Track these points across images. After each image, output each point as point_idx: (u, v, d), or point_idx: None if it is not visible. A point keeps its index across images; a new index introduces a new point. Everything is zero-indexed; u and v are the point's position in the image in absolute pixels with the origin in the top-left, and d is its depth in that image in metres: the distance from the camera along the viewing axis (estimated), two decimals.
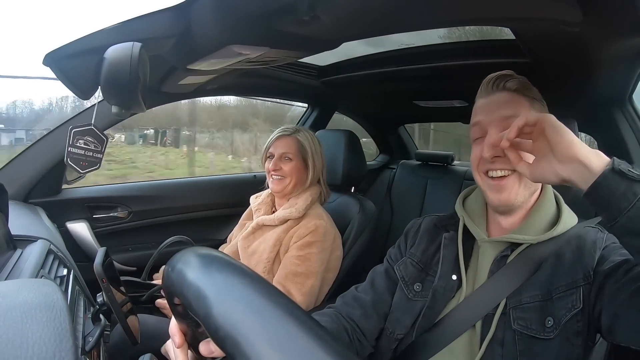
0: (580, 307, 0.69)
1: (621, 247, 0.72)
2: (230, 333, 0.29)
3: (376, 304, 0.89)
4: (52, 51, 0.73)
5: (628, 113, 1.35)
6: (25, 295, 0.38)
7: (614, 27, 0.76)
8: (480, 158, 0.79)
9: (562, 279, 0.72)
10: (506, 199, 0.76)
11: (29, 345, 0.32)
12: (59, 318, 0.36)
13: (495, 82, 0.79)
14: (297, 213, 1.32)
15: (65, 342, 0.34)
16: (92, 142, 0.85)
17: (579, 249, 0.74)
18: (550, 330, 0.69)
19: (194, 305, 0.33)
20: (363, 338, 0.88)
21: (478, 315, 0.75)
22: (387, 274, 0.93)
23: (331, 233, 1.33)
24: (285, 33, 0.87)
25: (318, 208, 1.38)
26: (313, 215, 1.33)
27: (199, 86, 1.41)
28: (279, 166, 1.36)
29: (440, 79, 1.53)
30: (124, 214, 1.70)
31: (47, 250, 0.92)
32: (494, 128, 0.76)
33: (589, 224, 0.81)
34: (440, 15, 0.81)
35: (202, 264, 0.35)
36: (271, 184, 1.39)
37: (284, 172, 1.36)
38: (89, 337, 0.66)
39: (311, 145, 1.39)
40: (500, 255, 0.78)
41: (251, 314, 0.29)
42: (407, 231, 0.97)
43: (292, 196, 1.39)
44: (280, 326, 0.28)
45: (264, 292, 0.31)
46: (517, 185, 0.76)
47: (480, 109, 0.81)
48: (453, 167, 2.42)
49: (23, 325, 0.34)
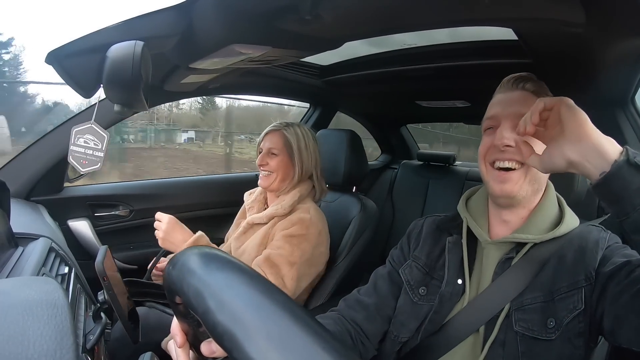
0: (582, 308, 0.68)
1: (624, 247, 0.72)
2: (228, 329, 0.29)
3: (379, 308, 0.89)
4: (55, 49, 0.73)
5: (630, 114, 1.34)
6: (26, 293, 0.38)
7: (617, 27, 0.76)
8: (489, 147, 0.78)
9: (564, 280, 0.71)
10: (509, 190, 0.76)
11: (30, 343, 0.32)
12: (60, 316, 0.36)
13: (516, 82, 0.80)
14: (283, 210, 1.31)
15: (66, 339, 0.34)
16: (92, 140, 0.84)
17: (581, 248, 0.73)
18: (551, 331, 0.69)
19: (193, 302, 0.33)
20: (367, 341, 0.88)
21: (483, 320, 0.75)
22: (390, 277, 0.92)
23: (316, 227, 1.30)
24: (287, 32, 0.87)
25: (307, 204, 1.35)
26: (299, 211, 1.32)
27: (201, 85, 1.41)
28: (265, 161, 1.35)
29: (443, 79, 1.52)
30: (125, 212, 1.70)
31: (49, 248, 0.92)
32: (508, 121, 0.76)
33: (591, 224, 0.80)
34: (442, 15, 0.81)
35: (202, 261, 0.36)
36: (259, 180, 1.39)
37: (270, 167, 1.34)
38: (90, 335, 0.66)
39: (298, 140, 1.36)
40: (504, 257, 0.78)
41: (249, 309, 0.30)
42: (410, 232, 0.96)
43: (282, 193, 1.37)
44: (277, 322, 0.29)
45: (262, 289, 0.32)
46: (522, 180, 0.76)
47: (497, 103, 0.81)
48: (455, 168, 2.41)
49: (24, 323, 0.34)
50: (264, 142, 1.39)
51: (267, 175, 1.36)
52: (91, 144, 0.84)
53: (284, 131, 1.36)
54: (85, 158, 0.84)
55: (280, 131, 1.37)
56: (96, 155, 0.85)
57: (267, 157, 1.35)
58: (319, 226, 1.31)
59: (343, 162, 1.57)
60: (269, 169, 1.35)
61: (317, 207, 1.37)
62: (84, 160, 0.84)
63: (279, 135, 1.36)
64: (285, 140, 1.36)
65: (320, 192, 1.42)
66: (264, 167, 1.35)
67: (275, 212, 1.31)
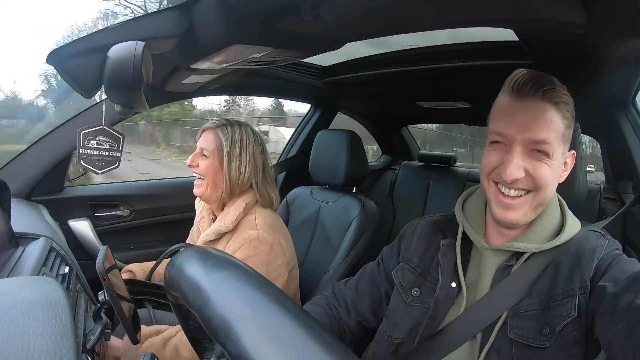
0: (575, 316, 0.67)
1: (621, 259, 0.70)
2: (222, 322, 0.30)
3: (355, 302, 0.94)
4: (56, 50, 0.73)
5: (631, 116, 1.34)
6: (26, 293, 0.38)
7: (619, 28, 0.76)
8: (494, 167, 0.73)
9: (560, 287, 0.70)
10: (512, 219, 0.73)
11: (30, 343, 0.32)
12: (60, 316, 0.36)
13: (533, 87, 0.70)
14: (226, 227, 1.17)
15: (67, 340, 0.34)
16: (107, 142, 0.85)
17: (578, 256, 0.71)
18: (546, 339, 0.68)
19: (189, 297, 0.34)
20: (347, 329, 0.94)
21: (480, 326, 0.74)
22: (372, 276, 0.95)
23: (266, 242, 1.13)
24: (288, 33, 0.87)
25: (253, 214, 1.19)
26: (245, 226, 1.16)
27: (202, 85, 1.41)
28: (195, 162, 1.20)
29: (443, 80, 1.53)
30: (126, 213, 1.70)
31: (49, 248, 0.92)
32: (519, 148, 0.70)
33: (593, 228, 0.79)
34: (443, 16, 0.81)
35: (199, 259, 0.37)
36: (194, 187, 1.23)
37: (200, 170, 1.20)
38: (90, 335, 0.66)
39: (232, 144, 1.18)
40: (504, 264, 0.76)
41: (242, 303, 0.31)
42: (403, 233, 0.95)
43: (227, 203, 1.22)
44: (270, 314, 0.29)
45: (255, 284, 0.33)
46: (528, 206, 0.73)
47: (508, 115, 0.71)
48: (455, 169, 2.41)
49: (24, 323, 0.34)
50: (199, 140, 1.22)
51: (199, 180, 1.21)
52: (106, 145, 0.85)
53: (218, 131, 1.20)
54: (100, 160, 0.84)
55: (214, 130, 1.20)
56: (113, 155, 0.86)
57: (198, 157, 1.21)
58: (269, 240, 1.14)
59: (343, 162, 1.57)
60: (199, 172, 1.20)
61: (265, 215, 1.21)
62: (99, 162, 0.84)
63: (213, 135, 1.20)
64: (218, 142, 1.19)
65: (270, 199, 1.25)
66: (194, 169, 1.21)
67: (222, 228, 1.17)
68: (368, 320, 0.93)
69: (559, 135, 0.70)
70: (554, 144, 0.69)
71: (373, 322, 0.93)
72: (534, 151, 0.70)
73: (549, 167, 0.70)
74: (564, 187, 0.84)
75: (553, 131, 0.69)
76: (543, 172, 0.70)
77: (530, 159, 0.70)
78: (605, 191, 1.73)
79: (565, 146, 0.73)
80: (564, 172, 0.76)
